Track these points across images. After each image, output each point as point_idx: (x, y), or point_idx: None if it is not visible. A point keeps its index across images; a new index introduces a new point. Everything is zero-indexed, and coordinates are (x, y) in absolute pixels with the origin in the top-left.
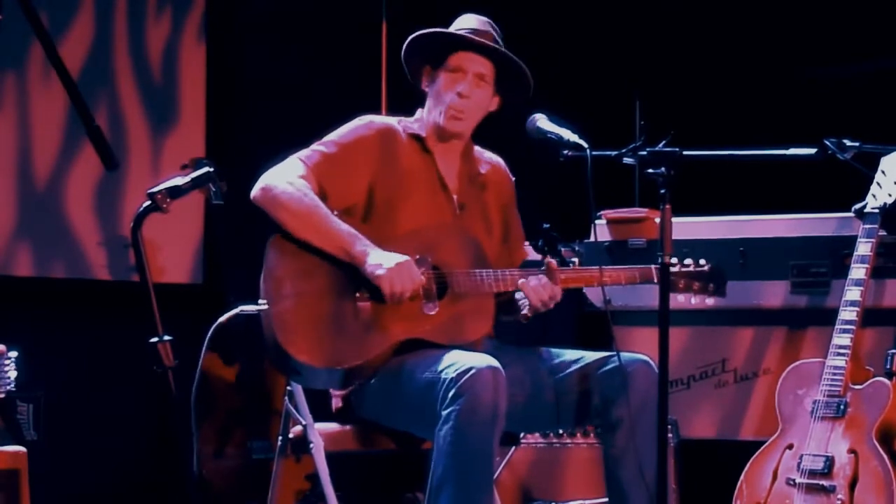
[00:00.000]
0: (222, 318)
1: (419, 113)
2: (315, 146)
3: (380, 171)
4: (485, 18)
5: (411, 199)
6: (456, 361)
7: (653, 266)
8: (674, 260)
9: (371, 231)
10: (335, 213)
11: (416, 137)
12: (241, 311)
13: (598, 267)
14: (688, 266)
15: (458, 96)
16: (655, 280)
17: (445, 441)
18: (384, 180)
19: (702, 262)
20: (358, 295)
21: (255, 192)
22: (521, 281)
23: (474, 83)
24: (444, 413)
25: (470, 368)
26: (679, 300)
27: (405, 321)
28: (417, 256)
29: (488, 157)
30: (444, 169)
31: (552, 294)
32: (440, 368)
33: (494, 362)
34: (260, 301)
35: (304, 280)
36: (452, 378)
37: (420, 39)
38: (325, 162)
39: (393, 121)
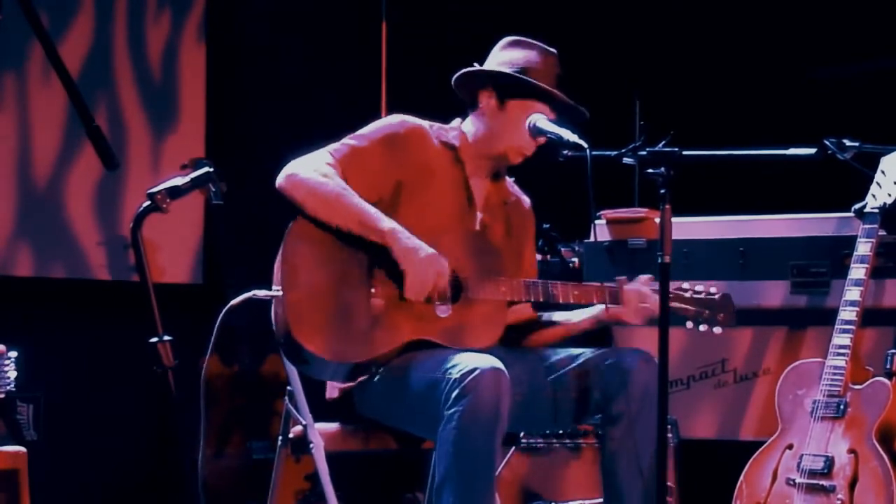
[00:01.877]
0: (234, 301)
1: (456, 122)
2: (345, 140)
3: (407, 169)
4: (553, 51)
5: (434, 201)
6: (460, 362)
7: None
8: (685, 285)
9: None
10: None
11: (450, 146)
12: (255, 294)
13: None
14: (699, 293)
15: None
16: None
17: (448, 441)
18: (410, 179)
19: (712, 289)
20: (373, 291)
21: (279, 179)
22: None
23: None
24: (448, 413)
25: (474, 369)
26: (688, 327)
27: (415, 321)
28: None
29: (518, 191)
30: (474, 184)
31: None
32: (444, 368)
33: (498, 363)
34: (274, 287)
35: (318, 270)
36: (456, 379)
37: (512, 79)
38: (352, 155)
39: (425, 124)
